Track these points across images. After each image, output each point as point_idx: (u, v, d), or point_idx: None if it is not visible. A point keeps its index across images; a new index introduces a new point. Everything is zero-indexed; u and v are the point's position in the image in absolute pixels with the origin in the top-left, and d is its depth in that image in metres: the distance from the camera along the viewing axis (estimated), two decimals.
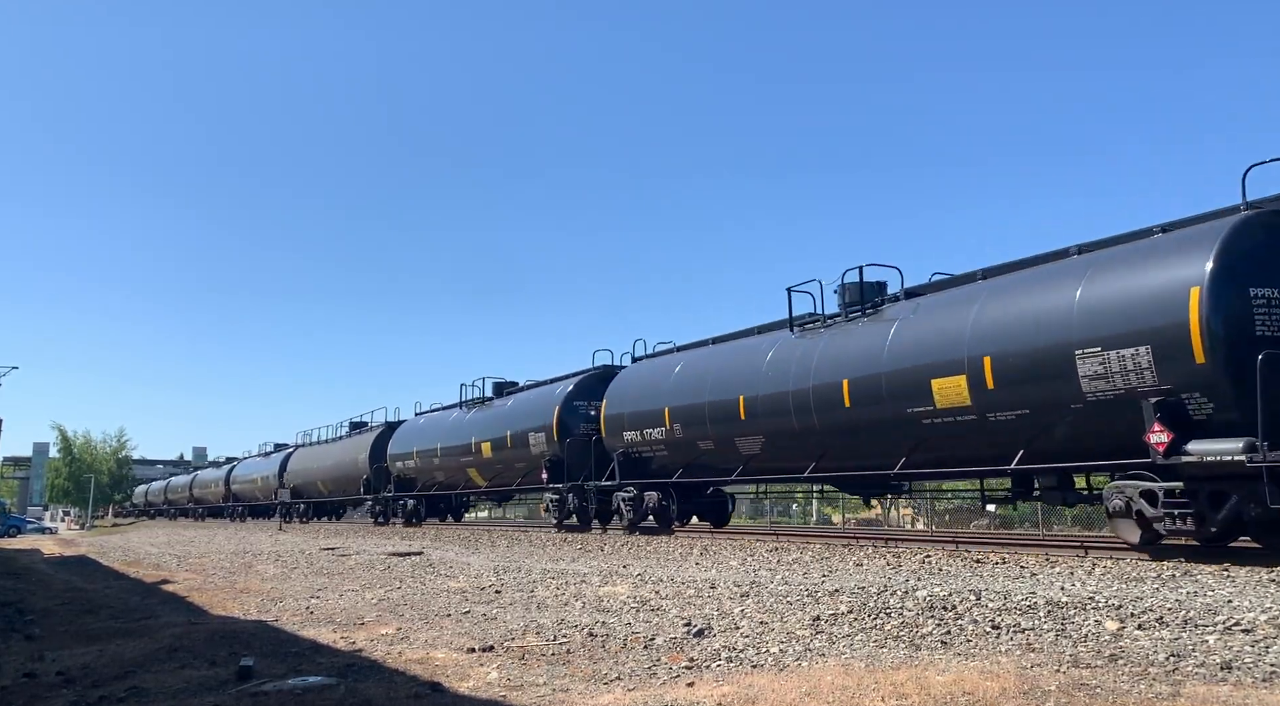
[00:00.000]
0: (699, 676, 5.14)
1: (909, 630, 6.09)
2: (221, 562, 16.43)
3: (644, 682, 5.06)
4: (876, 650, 5.61)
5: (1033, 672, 4.72)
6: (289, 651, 6.49)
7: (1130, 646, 5.25)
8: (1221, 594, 6.98)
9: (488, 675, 5.41)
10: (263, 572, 13.85)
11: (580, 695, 4.85)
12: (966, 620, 6.25)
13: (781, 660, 5.45)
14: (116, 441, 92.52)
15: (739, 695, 4.57)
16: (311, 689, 5.15)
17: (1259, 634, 5.34)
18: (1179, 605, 6.30)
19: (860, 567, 10.23)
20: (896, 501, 31.94)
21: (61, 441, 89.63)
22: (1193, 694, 4.20)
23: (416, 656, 6.10)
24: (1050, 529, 25.16)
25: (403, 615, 8.20)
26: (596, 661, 5.69)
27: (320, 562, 14.98)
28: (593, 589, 9.13)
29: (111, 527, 58.74)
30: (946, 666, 4.97)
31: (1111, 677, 4.58)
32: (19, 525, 55.16)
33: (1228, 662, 4.74)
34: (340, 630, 7.46)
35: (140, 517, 73.90)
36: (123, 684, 5.62)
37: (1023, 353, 10.92)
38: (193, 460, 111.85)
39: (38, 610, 10.58)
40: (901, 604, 6.97)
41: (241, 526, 40.11)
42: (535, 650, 6.11)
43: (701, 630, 6.41)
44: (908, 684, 4.53)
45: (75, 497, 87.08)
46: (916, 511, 35.41)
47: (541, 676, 5.32)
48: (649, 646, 6.03)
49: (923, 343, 12.51)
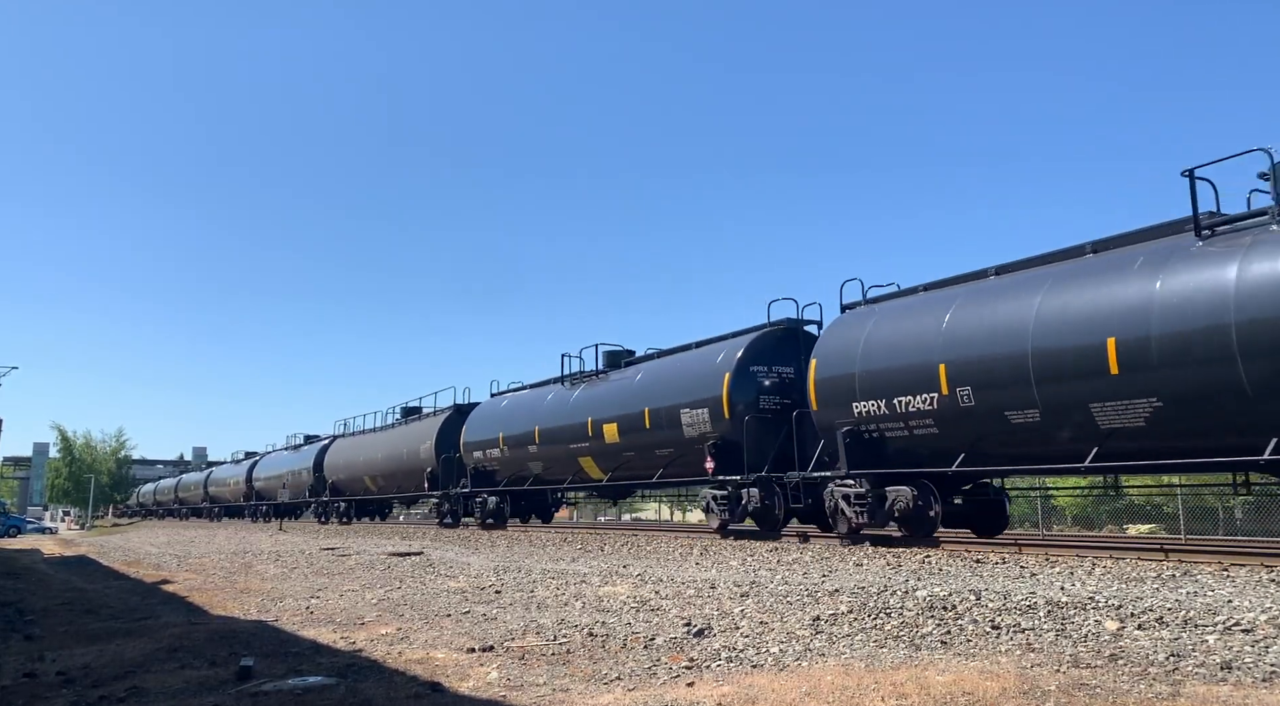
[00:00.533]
0: (699, 676, 5.14)
1: (909, 630, 6.09)
2: (221, 562, 16.43)
3: (644, 682, 5.06)
4: (876, 650, 5.61)
5: (1033, 672, 4.72)
6: (289, 651, 6.49)
7: (1130, 646, 5.25)
8: (1221, 594, 6.98)
9: (488, 675, 5.41)
10: (263, 572, 13.85)
11: (580, 695, 4.85)
12: (966, 620, 6.25)
13: (781, 660, 5.45)
14: (116, 441, 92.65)
15: (739, 695, 4.57)
16: (311, 689, 5.16)
17: (1259, 634, 5.34)
18: (1179, 605, 6.30)
19: (860, 567, 10.22)
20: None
21: (61, 441, 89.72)
22: (1193, 694, 4.21)
23: (416, 656, 6.10)
24: (1050, 529, 25.14)
25: (403, 615, 8.20)
26: (596, 661, 5.69)
27: (320, 562, 14.98)
28: (593, 589, 9.13)
29: (111, 528, 58.73)
30: (946, 666, 4.97)
31: (1111, 677, 4.58)
32: (19, 525, 55.10)
33: (1228, 662, 4.74)
34: (340, 630, 7.46)
35: (147, 517, 73.56)
36: (123, 684, 5.62)
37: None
38: (193, 460, 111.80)
39: (38, 610, 10.58)
40: (901, 604, 6.97)
41: (244, 526, 40.02)
42: (535, 650, 6.11)
43: (701, 630, 6.41)
44: (908, 684, 4.53)
45: (75, 498, 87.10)
46: None
47: (542, 676, 5.32)
48: (649, 646, 6.03)
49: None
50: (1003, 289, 12.16)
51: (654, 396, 18.51)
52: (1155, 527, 28.90)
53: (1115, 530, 30.27)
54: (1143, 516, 31.49)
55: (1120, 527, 31.11)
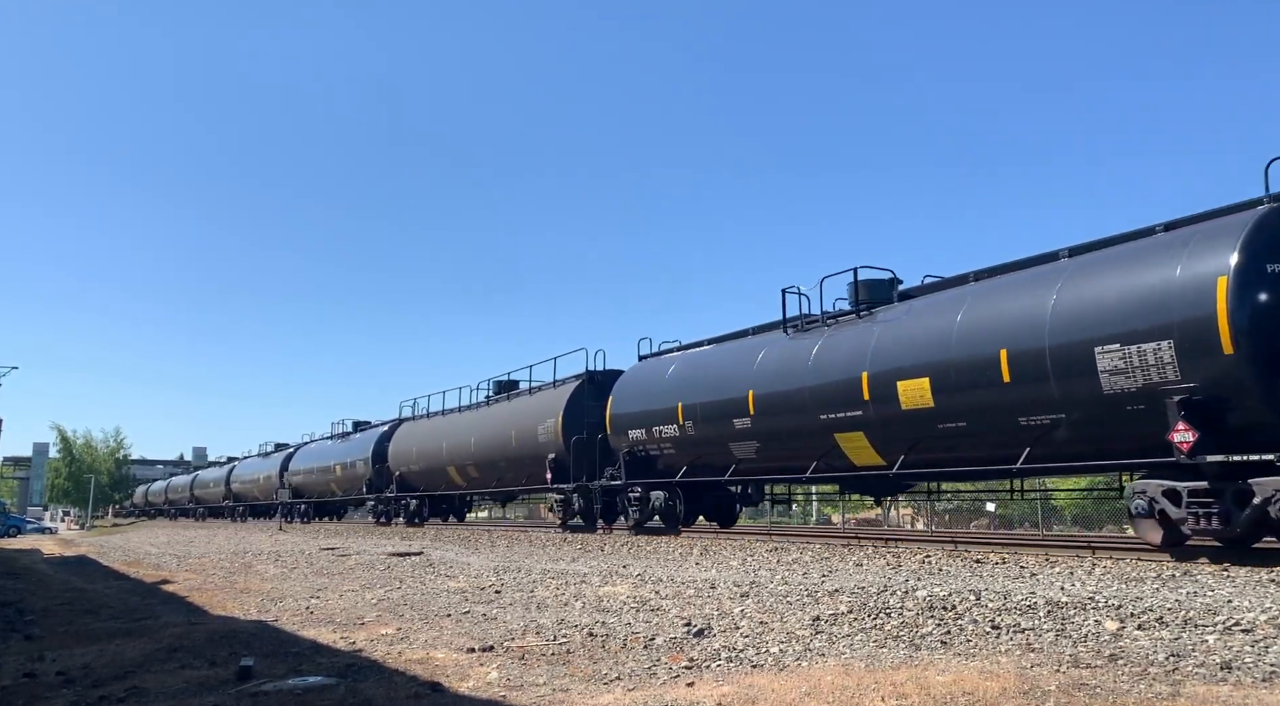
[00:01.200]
0: (699, 676, 5.14)
1: (909, 630, 6.09)
2: (221, 562, 16.43)
3: (644, 682, 5.06)
4: (876, 650, 5.61)
5: (1033, 672, 4.72)
6: (289, 651, 6.49)
7: (1130, 646, 5.25)
8: (1221, 594, 6.98)
9: (488, 675, 5.41)
10: (263, 572, 13.85)
11: (580, 695, 4.85)
12: (966, 620, 6.25)
13: (781, 660, 5.45)
14: (114, 441, 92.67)
15: (739, 695, 4.57)
16: (311, 689, 5.15)
17: (1259, 634, 5.34)
18: (1179, 605, 6.30)
19: (860, 567, 10.22)
20: (896, 501, 31.92)
21: (61, 441, 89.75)
22: (1193, 694, 4.21)
23: (416, 656, 6.10)
24: (1050, 529, 25.15)
25: (403, 615, 8.20)
26: (596, 661, 5.69)
27: (320, 562, 14.98)
28: (593, 589, 9.13)
29: (111, 528, 58.75)
30: (946, 666, 4.97)
31: (1111, 677, 4.58)
32: (19, 525, 55.17)
33: (1228, 662, 4.74)
34: (340, 630, 7.46)
35: (140, 518, 73.64)
36: (123, 684, 5.62)
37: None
38: (193, 460, 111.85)
39: (38, 610, 10.58)
40: (901, 604, 6.97)
41: (241, 526, 40.01)
42: (535, 650, 6.11)
43: (701, 630, 6.41)
44: (908, 684, 4.53)
45: (75, 498, 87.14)
46: (916, 511, 35.43)
47: (541, 676, 5.32)
48: (649, 646, 6.03)
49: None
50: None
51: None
52: None
53: (1115, 530, 30.27)
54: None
55: (1120, 527, 31.11)
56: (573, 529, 21.64)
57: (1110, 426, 10.28)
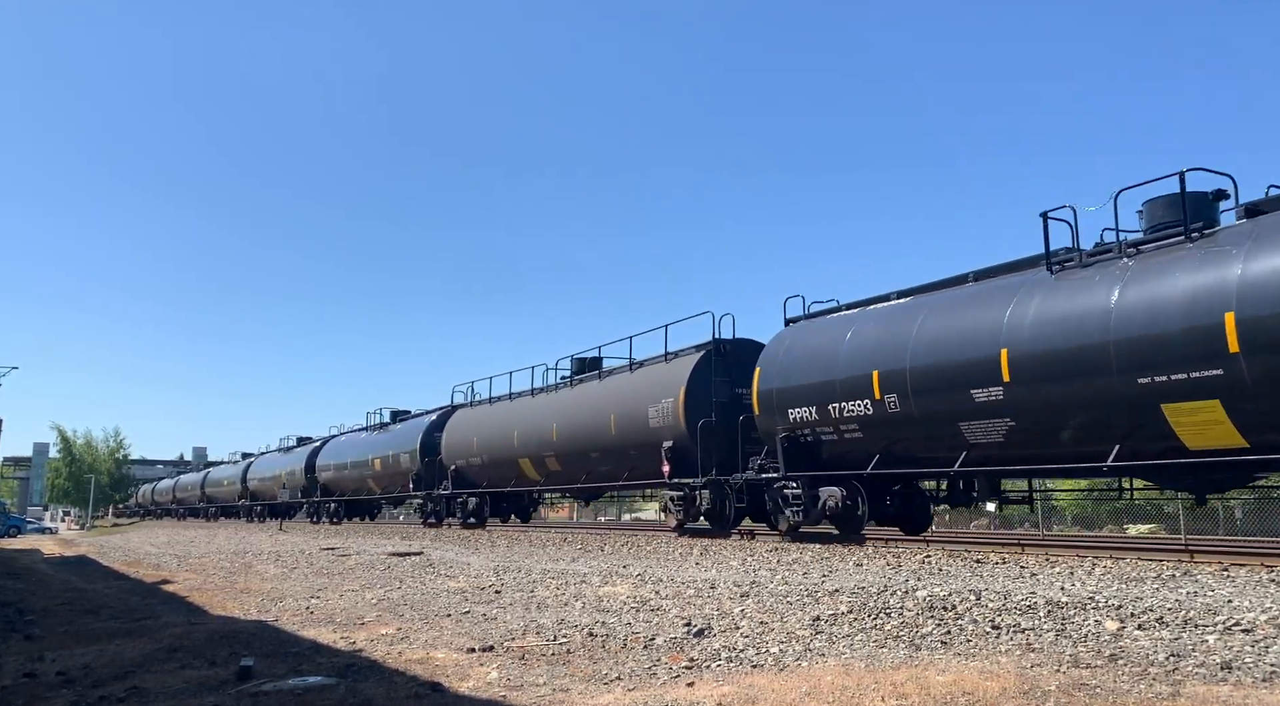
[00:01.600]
0: (699, 676, 5.14)
1: (909, 630, 6.09)
2: (221, 563, 16.44)
3: (644, 682, 5.06)
4: (876, 650, 5.61)
5: (1033, 672, 4.72)
6: (289, 651, 6.49)
7: (1130, 646, 5.25)
8: (1221, 594, 6.98)
9: (488, 675, 5.41)
10: (263, 572, 13.86)
11: (580, 695, 4.85)
12: (966, 620, 6.25)
13: (781, 660, 5.45)
14: (114, 441, 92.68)
15: (739, 695, 4.57)
16: (311, 689, 5.16)
17: (1259, 634, 5.35)
18: (1179, 605, 6.30)
19: (860, 567, 10.23)
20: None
21: (61, 441, 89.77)
22: (1193, 694, 4.21)
23: (416, 656, 6.10)
24: (1050, 529, 25.16)
25: (403, 615, 8.20)
26: (596, 661, 5.69)
27: (320, 562, 14.98)
28: (593, 589, 9.13)
29: (111, 528, 58.77)
30: (946, 666, 4.97)
31: (1111, 677, 4.58)
32: (19, 525, 55.20)
33: (1228, 662, 4.74)
34: (340, 630, 7.47)
35: (145, 518, 73.45)
36: (123, 684, 5.63)
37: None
38: (193, 460, 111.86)
39: (38, 610, 10.58)
40: (901, 604, 6.97)
41: (243, 526, 39.97)
42: (535, 650, 6.11)
43: (701, 630, 6.41)
44: (908, 684, 4.54)
45: (75, 498, 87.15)
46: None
47: (542, 676, 5.32)
48: (649, 646, 6.03)
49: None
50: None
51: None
52: (1155, 527, 28.89)
53: (1115, 530, 30.28)
54: (1143, 516, 31.47)
55: (1120, 527, 31.12)
56: (695, 533, 17.63)
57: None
